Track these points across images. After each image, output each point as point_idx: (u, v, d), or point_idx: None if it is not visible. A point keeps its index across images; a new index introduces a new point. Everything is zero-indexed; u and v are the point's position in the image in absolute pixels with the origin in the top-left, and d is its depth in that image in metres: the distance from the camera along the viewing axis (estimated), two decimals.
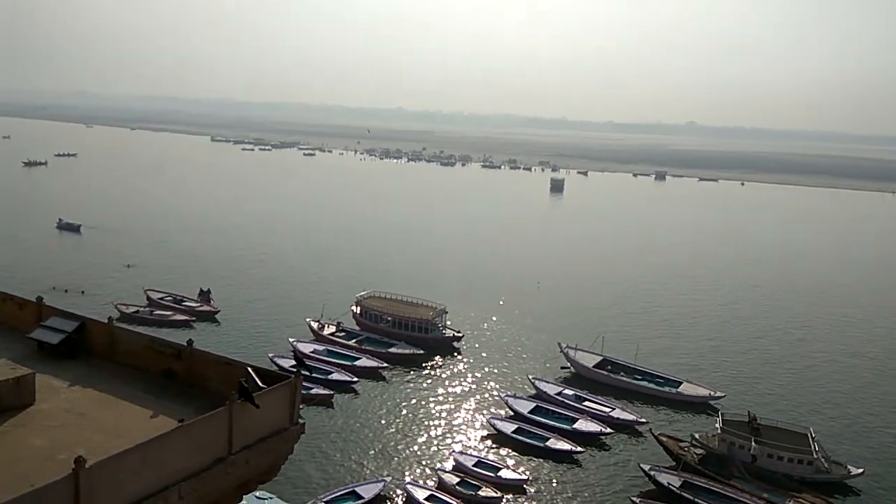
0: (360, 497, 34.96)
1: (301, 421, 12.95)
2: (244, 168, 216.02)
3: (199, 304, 64.64)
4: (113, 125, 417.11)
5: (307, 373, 14.35)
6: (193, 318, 61.66)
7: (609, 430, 44.02)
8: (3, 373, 12.61)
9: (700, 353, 60.66)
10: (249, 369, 13.16)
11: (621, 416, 45.95)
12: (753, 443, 39.60)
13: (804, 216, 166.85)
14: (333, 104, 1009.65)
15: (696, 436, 42.09)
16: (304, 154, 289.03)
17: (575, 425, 44.14)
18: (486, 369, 54.67)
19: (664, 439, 41.50)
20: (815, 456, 39.30)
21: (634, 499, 35.93)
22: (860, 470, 39.82)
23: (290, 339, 55.85)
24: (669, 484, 36.89)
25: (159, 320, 60.01)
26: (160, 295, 65.99)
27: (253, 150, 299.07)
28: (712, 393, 50.08)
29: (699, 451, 40.77)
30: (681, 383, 51.54)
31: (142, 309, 62.29)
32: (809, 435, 41.27)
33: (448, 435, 43.33)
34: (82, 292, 65.46)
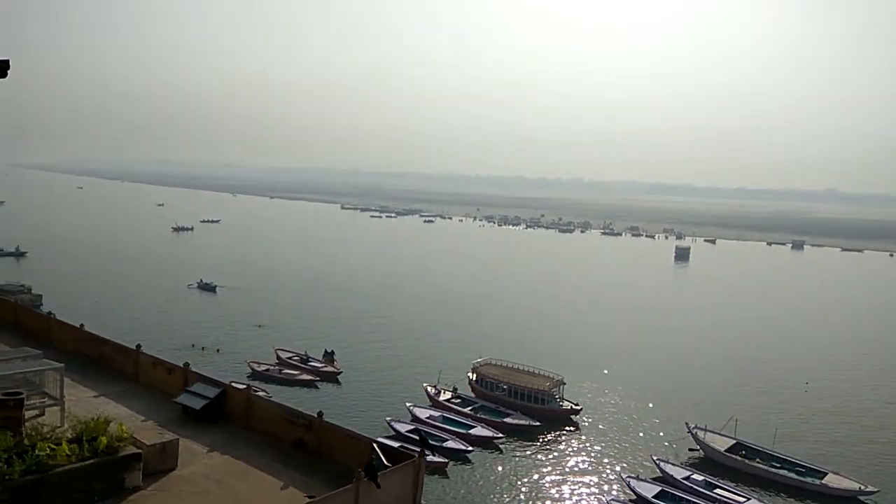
0: None
1: (423, 502, 12.86)
2: (369, 234, 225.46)
3: (323, 365, 67.00)
4: (255, 194, 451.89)
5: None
6: (318, 378, 63.88)
7: None
8: (151, 437, 13.49)
9: (849, 441, 54.50)
10: (375, 445, 13.31)
11: None
12: None
13: None
14: (454, 173, 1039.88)
15: None
16: (424, 221, 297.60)
17: None
18: (606, 446, 52.07)
19: None
20: None
21: None
22: None
23: (408, 404, 56.21)
24: None
25: (287, 379, 62.67)
26: (289, 354, 69.15)
27: (380, 217, 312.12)
28: (863, 487, 44.61)
29: None
30: (826, 474, 46.38)
31: (272, 367, 65.45)
32: None
33: None
34: (217, 350, 69.70)
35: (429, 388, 60.14)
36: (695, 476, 45.48)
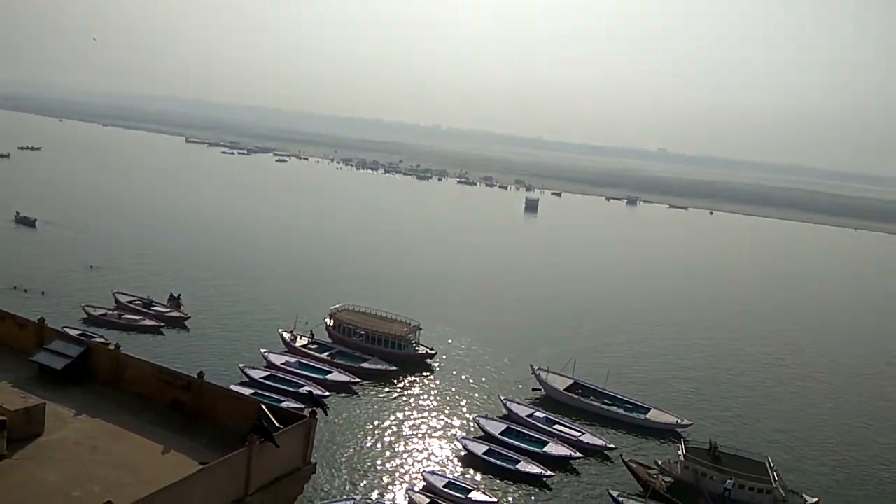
0: None
1: (313, 461, 13.00)
2: (217, 171, 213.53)
3: (168, 310, 63.61)
4: (86, 120, 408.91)
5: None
6: (163, 324, 60.64)
7: (579, 454, 44.47)
8: (13, 402, 12.36)
9: (669, 380, 61.70)
10: (263, 407, 13.18)
11: (591, 441, 46.50)
12: (726, 476, 40.39)
13: (770, 246, 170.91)
14: (309, 111, 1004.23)
15: (660, 462, 42.83)
16: (277, 160, 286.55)
17: (545, 448, 44.52)
18: (458, 388, 54.88)
19: (634, 466, 42.14)
20: (773, 485, 40.30)
21: None
22: (815, 499, 41.07)
23: (262, 350, 55.33)
24: None
25: (128, 325, 58.90)
26: (129, 298, 64.76)
27: (233, 153, 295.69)
28: (680, 420, 50.94)
29: (667, 478, 41.47)
30: (649, 409, 52.37)
31: (109, 312, 60.96)
32: (768, 464, 42.30)
33: (419, 454, 43.36)
34: (42, 293, 63.65)
35: (284, 334, 59.50)
36: (537, 413, 49.43)
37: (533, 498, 39.56)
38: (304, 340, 59.53)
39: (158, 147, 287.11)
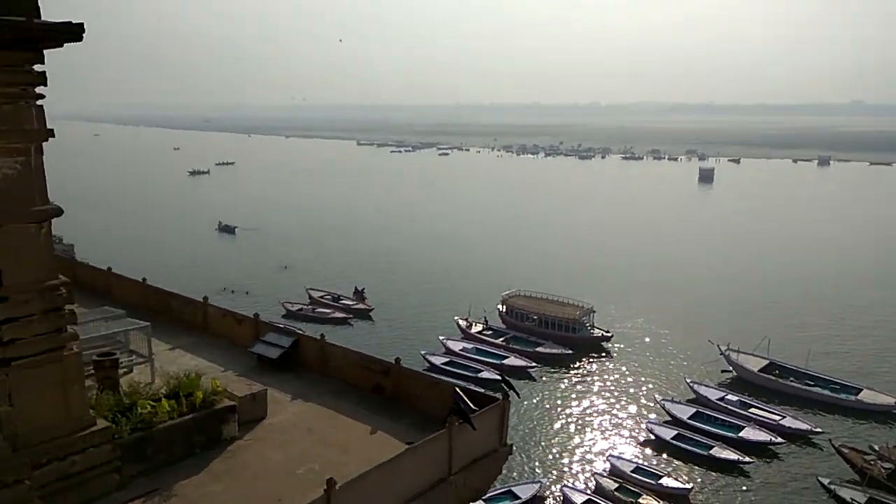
0: (518, 497, 35.37)
1: (510, 443, 13.45)
2: (387, 169, 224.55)
3: (355, 303, 68.39)
4: (269, 134, 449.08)
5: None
6: (350, 316, 65.31)
7: (780, 439, 41.23)
8: (241, 389, 14.15)
9: (882, 356, 55.05)
10: (458, 390, 13.82)
11: (793, 426, 42.90)
12: None
13: None
14: (467, 103, 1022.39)
15: (878, 447, 38.43)
16: (440, 154, 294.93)
17: (741, 433, 41.81)
18: (639, 371, 53.18)
19: (846, 451, 38.31)
20: None
21: None
22: None
23: (440, 337, 57.49)
24: (853, 500, 33.98)
25: (320, 317, 64.12)
26: (320, 294, 70.52)
27: (400, 152, 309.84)
28: None
29: (887, 465, 37.20)
30: (860, 390, 47.15)
31: (305, 307, 66.92)
32: None
33: (603, 438, 42.71)
34: (247, 292, 70.89)
35: (460, 321, 61.30)
36: (729, 396, 46.50)
37: (731, 485, 37.39)
38: (479, 327, 60.93)
39: (334, 151, 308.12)
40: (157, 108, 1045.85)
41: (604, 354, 56.70)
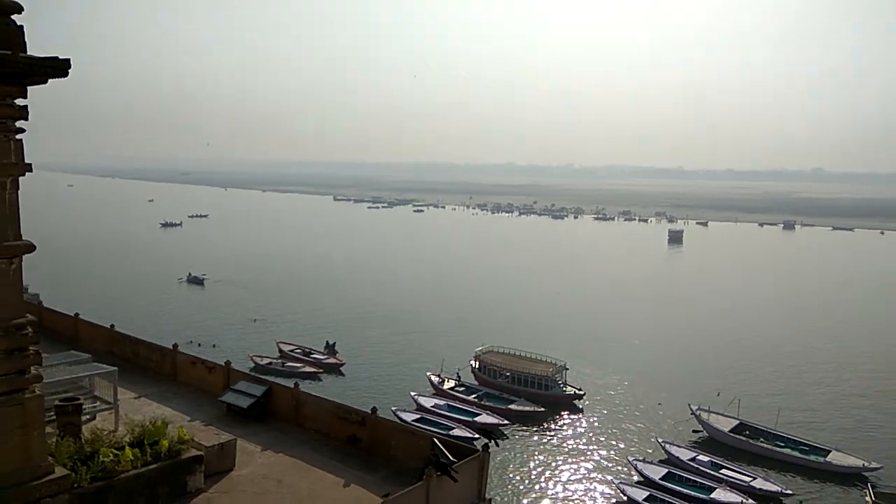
0: None
1: (488, 497, 13.15)
2: (362, 225, 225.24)
3: (326, 357, 67.38)
4: (246, 188, 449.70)
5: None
6: (321, 370, 64.24)
7: (751, 501, 40.99)
8: (209, 438, 13.72)
9: (851, 419, 55.60)
10: (436, 440, 13.56)
11: (764, 487, 42.72)
12: None
13: None
14: (445, 161, 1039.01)
15: None
16: (414, 210, 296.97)
17: (713, 495, 41.48)
18: (611, 430, 52.86)
19: None
20: None
21: None
22: None
23: (412, 393, 56.74)
24: None
25: (291, 371, 62.75)
26: (290, 347, 69.46)
27: (377, 207, 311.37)
28: (866, 464, 45.59)
29: None
30: (829, 451, 47.33)
31: (274, 360, 65.72)
32: None
33: (574, 498, 42.03)
34: (214, 345, 68.84)
35: (432, 377, 60.69)
36: (700, 457, 46.33)
37: None
38: (451, 383, 60.38)
39: (311, 207, 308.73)
40: (133, 160, 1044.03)
41: (576, 412, 56.36)
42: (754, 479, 43.65)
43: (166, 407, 16.46)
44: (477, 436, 49.12)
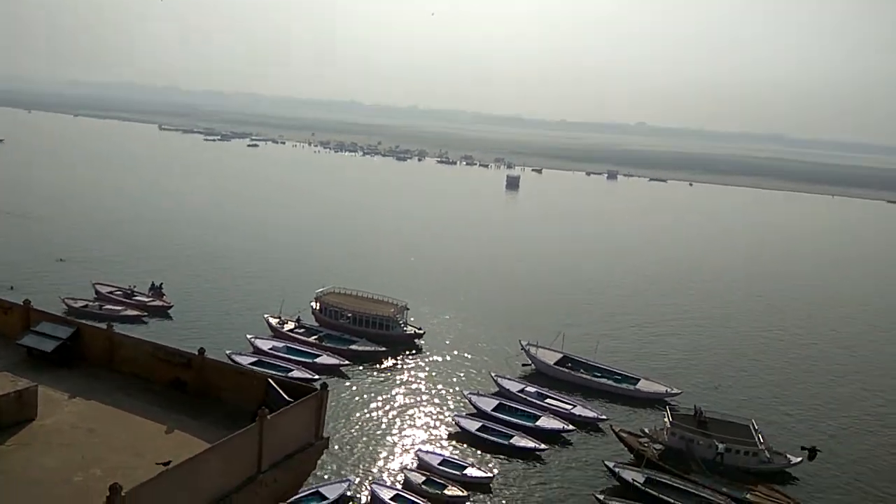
0: (325, 498, 34.58)
1: (326, 436, 12.66)
2: (190, 159, 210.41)
3: (150, 299, 62.72)
4: (56, 111, 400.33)
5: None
6: (145, 314, 59.75)
7: (571, 427, 44.76)
8: (2, 386, 11.87)
9: (657, 350, 62.20)
10: (271, 381, 12.80)
11: (583, 413, 46.81)
12: (713, 440, 40.97)
13: (751, 213, 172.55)
14: (286, 96, 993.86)
15: (648, 431, 43.25)
16: (249, 145, 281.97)
17: (538, 423, 44.74)
18: (449, 367, 54.87)
19: (624, 435, 42.49)
20: (758, 446, 40.99)
21: (599, 496, 36.62)
22: (799, 459, 42.04)
23: (249, 336, 54.82)
24: (634, 480, 37.78)
25: (110, 315, 57.52)
26: (110, 289, 63.70)
27: (211, 140, 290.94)
28: (669, 389, 51.45)
29: (658, 446, 41.87)
30: (639, 380, 52.81)
31: (91, 303, 59.85)
32: (752, 426, 42.93)
33: (412, 433, 43.33)
34: (11, 287, 60.72)
35: (271, 320, 58.96)
36: (528, 388, 49.60)
37: (528, 471, 39.76)
38: (291, 325, 59.05)
39: (132, 135, 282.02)
40: None
41: (416, 351, 57.70)
42: (574, 406, 47.60)
43: None
44: (316, 376, 48.76)
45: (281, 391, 12.31)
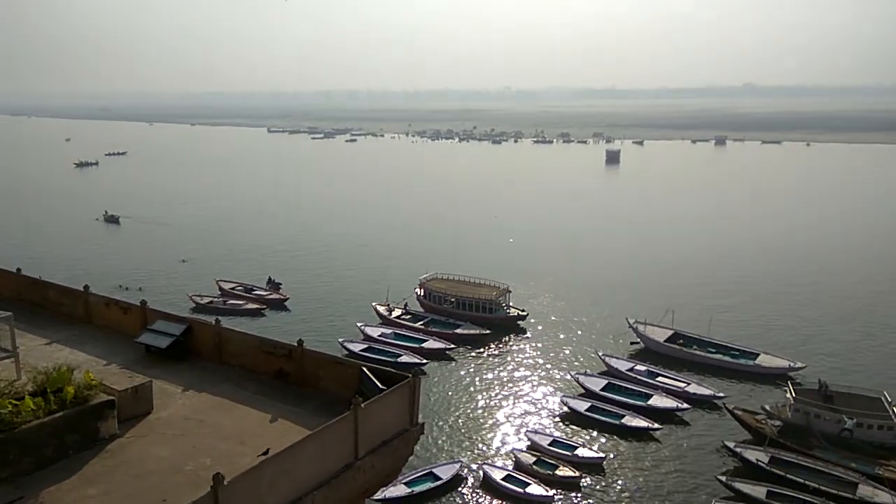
0: (438, 478, 35.19)
1: (421, 422, 12.75)
2: (299, 157, 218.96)
3: (268, 293, 66.12)
4: (174, 122, 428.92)
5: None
6: (264, 307, 63.07)
7: (686, 405, 42.96)
8: (121, 381, 12.73)
9: (778, 323, 58.40)
10: (365, 369, 12.99)
11: (697, 391, 44.80)
12: (840, 415, 38.10)
13: (877, 173, 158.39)
14: (381, 89, 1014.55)
15: (768, 407, 40.69)
16: (347, 140, 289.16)
17: (650, 402, 43.29)
18: (554, 347, 54.13)
19: (740, 413, 40.29)
20: (893, 420, 37.62)
21: (721, 477, 34.80)
22: None
23: (358, 324, 56.49)
24: (758, 461, 35.69)
25: (233, 309, 61.53)
26: (231, 285, 67.75)
27: (318, 138, 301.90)
28: (792, 364, 48.21)
29: (777, 423, 39.33)
30: (758, 355, 49.84)
31: (215, 299, 64.07)
32: (884, 398, 39.41)
33: (521, 414, 43.13)
34: (140, 288, 65.70)
35: (378, 307, 60.46)
36: (638, 367, 48.06)
37: (641, 452, 38.58)
38: (398, 312, 60.33)
39: (245, 139, 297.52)
40: (50, 97, 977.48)
41: (520, 333, 57.36)
42: (688, 384, 45.64)
43: (80, 352, 15.32)
44: (424, 361, 49.62)
45: (374, 379, 12.42)
